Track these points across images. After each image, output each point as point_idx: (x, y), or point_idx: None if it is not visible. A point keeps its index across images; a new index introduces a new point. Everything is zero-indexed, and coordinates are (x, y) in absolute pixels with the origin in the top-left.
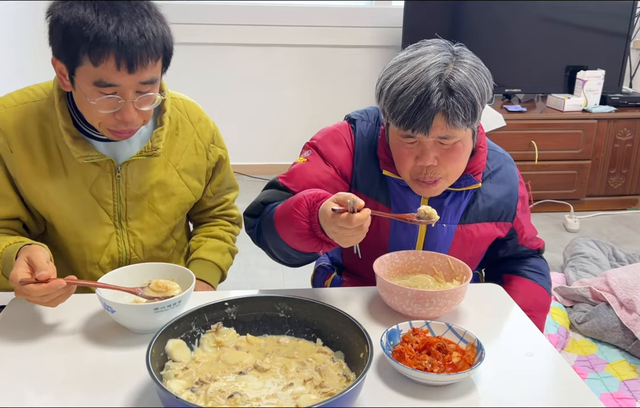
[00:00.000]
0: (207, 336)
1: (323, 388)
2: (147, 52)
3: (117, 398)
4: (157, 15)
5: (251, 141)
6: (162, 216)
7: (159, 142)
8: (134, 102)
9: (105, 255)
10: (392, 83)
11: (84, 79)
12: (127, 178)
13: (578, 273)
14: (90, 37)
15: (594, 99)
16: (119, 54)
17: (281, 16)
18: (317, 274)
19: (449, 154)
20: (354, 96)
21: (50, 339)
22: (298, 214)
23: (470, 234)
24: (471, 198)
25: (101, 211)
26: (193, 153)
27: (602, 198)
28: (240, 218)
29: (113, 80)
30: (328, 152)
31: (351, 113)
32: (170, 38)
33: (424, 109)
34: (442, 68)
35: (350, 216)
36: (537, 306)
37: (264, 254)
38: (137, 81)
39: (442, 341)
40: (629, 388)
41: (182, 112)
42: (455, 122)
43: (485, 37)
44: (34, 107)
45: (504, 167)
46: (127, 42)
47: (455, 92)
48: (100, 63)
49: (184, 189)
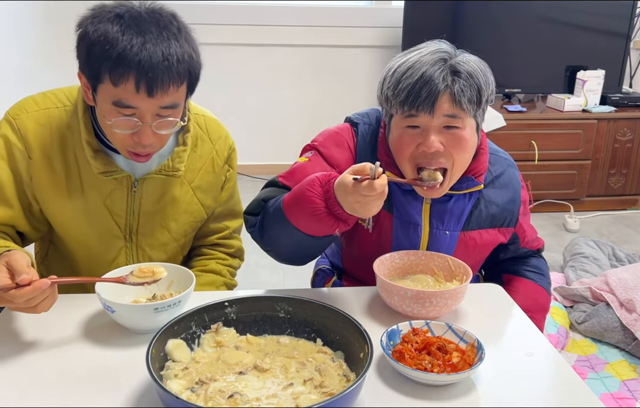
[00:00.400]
0: (207, 336)
1: (323, 388)
2: (168, 77)
3: (117, 398)
4: (187, 39)
5: (251, 141)
6: (172, 233)
7: (180, 163)
8: (153, 125)
9: (114, 267)
10: (396, 67)
11: (103, 98)
12: (143, 194)
13: (578, 273)
14: (113, 56)
15: (594, 99)
16: (138, 77)
17: (281, 16)
18: (316, 277)
19: (455, 142)
20: (354, 96)
21: (50, 339)
22: (313, 193)
23: (473, 241)
24: (474, 204)
25: (112, 224)
26: (210, 171)
27: (602, 198)
28: (242, 250)
29: (132, 102)
30: (330, 154)
31: (352, 115)
32: (197, 63)
33: (429, 84)
34: (447, 55)
35: (372, 183)
36: (537, 306)
37: (264, 254)
38: (156, 104)
39: (442, 341)
40: (629, 388)
41: (202, 129)
42: (462, 102)
43: (485, 37)
44: (56, 115)
45: (506, 172)
46: (148, 65)
47: (462, 74)
48: (119, 84)
49: (197, 207)
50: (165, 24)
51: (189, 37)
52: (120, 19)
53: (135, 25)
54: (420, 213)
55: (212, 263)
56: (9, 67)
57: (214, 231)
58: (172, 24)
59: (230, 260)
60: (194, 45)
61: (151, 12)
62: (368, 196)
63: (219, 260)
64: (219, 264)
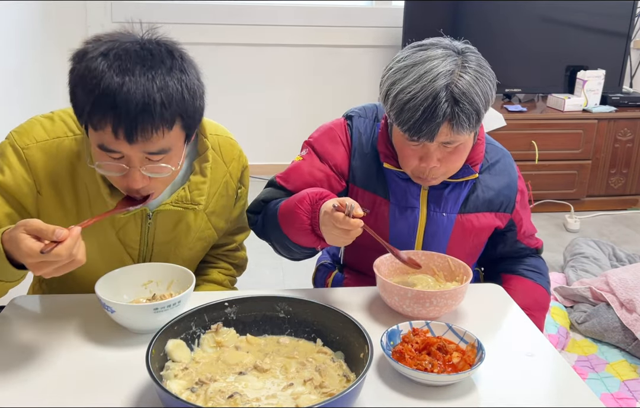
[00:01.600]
0: (207, 337)
1: (323, 389)
2: (150, 123)
3: (117, 398)
4: (183, 75)
5: (251, 141)
6: (185, 260)
7: (200, 196)
8: (142, 170)
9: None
10: (398, 91)
11: (91, 138)
12: (157, 225)
13: (578, 273)
14: (91, 100)
15: (594, 99)
16: (116, 123)
17: (281, 16)
18: (318, 272)
19: (451, 155)
20: (354, 96)
21: (50, 339)
22: (301, 209)
23: (470, 223)
24: (471, 188)
25: (125, 255)
26: (224, 194)
27: (602, 198)
28: (246, 260)
29: (114, 147)
30: (324, 150)
31: (349, 110)
32: (193, 102)
33: (430, 120)
34: (449, 78)
35: (346, 219)
36: (536, 305)
37: (264, 254)
38: (141, 149)
39: (442, 342)
40: (629, 389)
41: (216, 152)
42: (460, 131)
43: (485, 37)
44: (66, 145)
45: (502, 160)
46: (124, 110)
47: (461, 103)
48: (98, 128)
49: (211, 232)
50: (156, 61)
51: (185, 72)
52: (105, 57)
53: (117, 65)
54: (417, 197)
55: (214, 273)
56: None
57: (221, 245)
58: (163, 61)
59: (233, 271)
60: (190, 82)
61: (140, 48)
62: (338, 228)
63: (222, 270)
64: (221, 274)
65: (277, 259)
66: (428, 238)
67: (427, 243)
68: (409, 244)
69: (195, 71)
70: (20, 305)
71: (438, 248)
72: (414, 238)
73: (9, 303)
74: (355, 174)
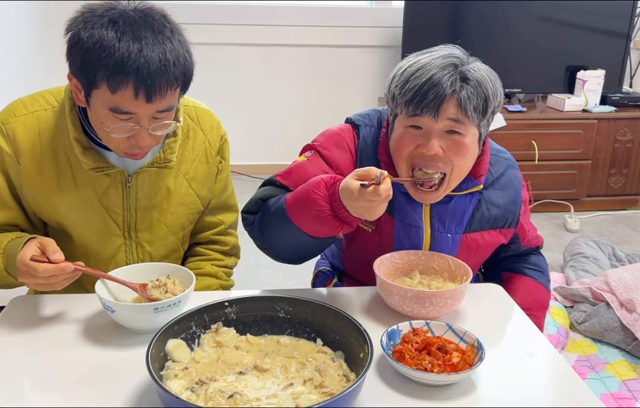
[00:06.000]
0: (207, 336)
1: (323, 388)
2: (166, 82)
3: (117, 398)
4: (180, 40)
5: (251, 141)
6: (170, 227)
7: (172, 154)
8: (149, 128)
9: (113, 265)
10: (406, 67)
11: (99, 103)
12: (138, 188)
13: (578, 273)
14: (110, 64)
15: (594, 99)
16: (137, 84)
17: (281, 16)
18: (317, 278)
19: (455, 147)
20: (354, 96)
21: (50, 339)
22: (318, 195)
23: (475, 243)
24: (475, 206)
25: (110, 222)
26: (204, 161)
27: (602, 198)
28: (237, 248)
29: (129, 108)
30: (330, 155)
31: (353, 117)
32: (191, 63)
33: (437, 86)
34: (458, 61)
35: (377, 188)
36: (536, 304)
37: (264, 254)
38: (154, 109)
39: (442, 342)
40: (629, 388)
41: (193, 121)
42: (467, 109)
43: (485, 37)
44: (44, 116)
45: (507, 172)
46: (146, 72)
47: (470, 81)
48: (118, 91)
49: (193, 198)
50: (159, 27)
51: (181, 38)
52: (115, 24)
53: (130, 31)
54: (420, 215)
55: (207, 266)
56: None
57: (209, 225)
58: (165, 26)
59: (225, 260)
60: (187, 45)
61: (143, 15)
62: (373, 201)
63: (214, 261)
64: (214, 266)
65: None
66: None
67: None
68: None
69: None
70: (20, 305)
71: None
72: None
73: (9, 303)
74: None
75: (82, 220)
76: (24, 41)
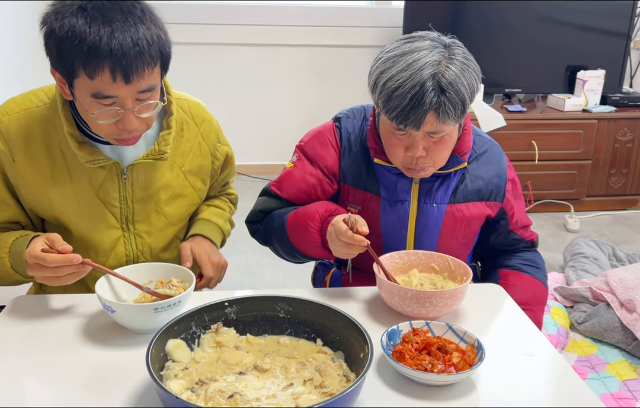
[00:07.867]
0: (207, 337)
1: (323, 389)
2: (142, 61)
3: (117, 398)
4: (152, 20)
5: (251, 141)
6: (168, 218)
7: (166, 146)
8: (134, 110)
9: (112, 258)
10: (387, 79)
11: (81, 91)
12: (134, 180)
13: (578, 273)
14: (84, 50)
15: (594, 99)
16: (113, 66)
17: (281, 16)
18: (317, 271)
19: (437, 146)
20: (354, 96)
21: (50, 339)
22: (312, 227)
23: (460, 212)
24: (459, 178)
25: (108, 215)
26: (198, 154)
27: (602, 198)
28: (237, 198)
29: (110, 92)
30: (314, 153)
31: (338, 112)
32: (167, 41)
33: (417, 108)
34: (436, 67)
35: (349, 232)
36: (534, 299)
37: (264, 254)
38: (134, 90)
39: (442, 342)
40: (629, 389)
41: (186, 114)
42: (446, 120)
43: (485, 37)
44: (37, 113)
45: (490, 150)
46: (120, 53)
47: (447, 92)
48: (96, 76)
49: (189, 190)
50: (129, 8)
51: (154, 17)
52: (84, 11)
53: (100, 16)
54: (408, 191)
55: (216, 200)
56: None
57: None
58: (135, 7)
59: (229, 204)
60: (160, 24)
61: None
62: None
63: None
64: (222, 202)
65: (277, 259)
66: (419, 230)
67: (419, 234)
68: (400, 237)
69: (156, 13)
70: (20, 305)
71: (430, 239)
72: (405, 230)
73: (9, 303)
74: (345, 173)
75: (80, 214)
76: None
